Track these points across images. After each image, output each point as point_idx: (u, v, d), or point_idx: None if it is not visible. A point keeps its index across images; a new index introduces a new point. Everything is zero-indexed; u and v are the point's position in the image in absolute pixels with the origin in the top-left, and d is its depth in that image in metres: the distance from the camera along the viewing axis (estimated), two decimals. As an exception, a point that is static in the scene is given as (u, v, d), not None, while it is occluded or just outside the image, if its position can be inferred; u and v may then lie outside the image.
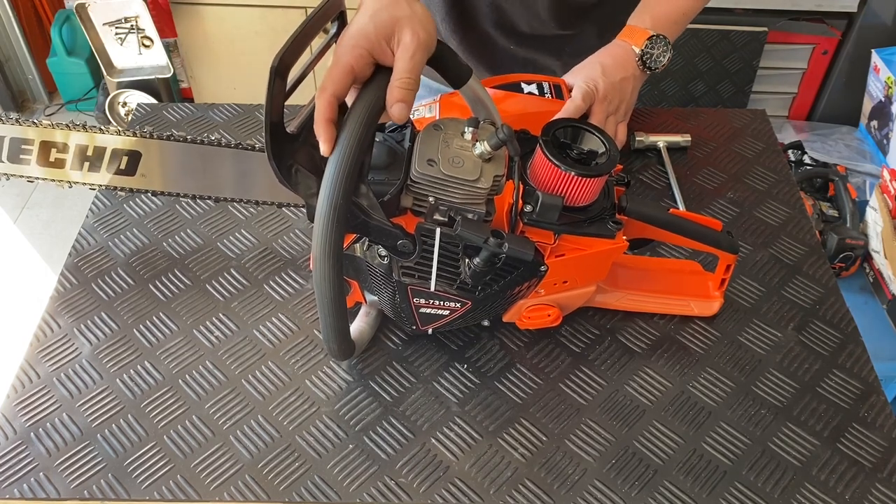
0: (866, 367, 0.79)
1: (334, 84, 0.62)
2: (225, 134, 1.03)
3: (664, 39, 0.91)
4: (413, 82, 0.63)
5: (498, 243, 0.66)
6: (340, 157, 0.59)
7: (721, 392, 0.77)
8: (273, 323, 0.82)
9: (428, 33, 0.63)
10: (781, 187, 0.98)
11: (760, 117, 1.08)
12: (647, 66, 0.91)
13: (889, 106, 1.99)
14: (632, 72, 0.91)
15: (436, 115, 0.87)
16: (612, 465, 0.71)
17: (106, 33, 2.18)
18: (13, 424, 0.74)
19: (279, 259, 0.88)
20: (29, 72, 2.56)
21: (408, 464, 0.71)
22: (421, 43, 0.62)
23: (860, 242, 1.75)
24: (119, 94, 2.31)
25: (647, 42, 0.90)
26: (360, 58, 0.62)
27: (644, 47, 0.90)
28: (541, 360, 0.79)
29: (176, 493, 0.69)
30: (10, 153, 0.84)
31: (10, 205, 2.32)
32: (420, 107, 0.89)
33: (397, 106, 0.62)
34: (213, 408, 0.75)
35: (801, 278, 0.88)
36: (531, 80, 0.91)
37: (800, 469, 0.71)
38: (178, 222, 0.93)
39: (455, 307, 0.72)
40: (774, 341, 0.81)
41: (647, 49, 0.90)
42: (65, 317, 0.83)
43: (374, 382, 0.77)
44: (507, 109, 0.86)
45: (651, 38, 0.90)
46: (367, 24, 0.63)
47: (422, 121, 0.84)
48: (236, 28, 2.21)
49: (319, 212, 0.60)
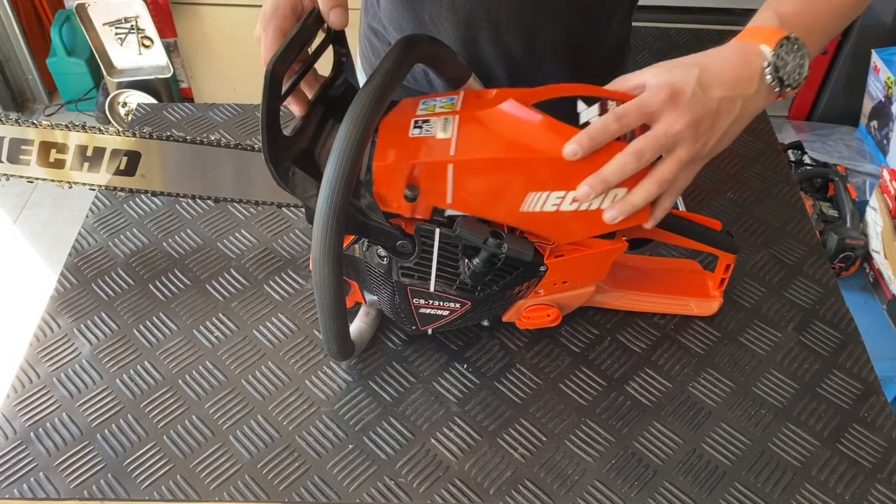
0: (866, 367, 0.79)
1: (269, 52, 0.65)
2: (225, 134, 1.03)
3: (801, 46, 0.63)
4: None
5: (497, 244, 0.66)
6: (339, 159, 0.59)
7: (721, 392, 0.77)
8: (273, 323, 0.82)
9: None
10: (781, 187, 0.98)
11: (760, 117, 1.08)
12: (782, 80, 0.63)
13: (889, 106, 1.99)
14: (744, 90, 0.62)
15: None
16: (611, 466, 0.71)
17: (106, 33, 2.18)
18: (13, 424, 0.74)
19: (279, 259, 0.88)
20: (29, 72, 2.56)
21: (407, 464, 0.71)
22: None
23: (860, 242, 1.75)
24: (119, 95, 2.31)
25: (782, 44, 0.62)
26: (285, 18, 0.66)
27: (777, 49, 0.62)
28: (540, 360, 0.79)
29: (176, 493, 0.69)
30: (9, 154, 0.84)
31: (10, 205, 2.32)
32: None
33: (334, 12, 0.64)
34: (212, 408, 0.75)
35: (802, 278, 0.88)
36: (587, 93, 0.65)
37: (800, 469, 0.71)
38: (178, 222, 0.93)
39: (455, 307, 0.72)
40: (774, 341, 0.81)
41: (780, 53, 0.62)
42: (65, 317, 0.83)
43: (374, 382, 0.77)
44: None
45: (788, 39, 0.63)
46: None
47: None
48: (236, 28, 2.21)
49: (319, 213, 0.60)
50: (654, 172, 0.64)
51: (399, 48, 0.65)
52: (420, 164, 0.63)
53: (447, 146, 0.63)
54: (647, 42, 1.31)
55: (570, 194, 0.64)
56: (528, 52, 0.88)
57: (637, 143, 0.62)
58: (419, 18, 0.86)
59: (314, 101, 0.70)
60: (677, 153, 0.63)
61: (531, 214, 0.66)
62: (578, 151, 0.61)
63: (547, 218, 0.66)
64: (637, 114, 0.62)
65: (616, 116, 0.61)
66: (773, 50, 0.62)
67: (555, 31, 0.86)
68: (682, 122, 0.61)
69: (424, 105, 0.68)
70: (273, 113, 0.62)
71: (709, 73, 0.62)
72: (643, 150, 0.62)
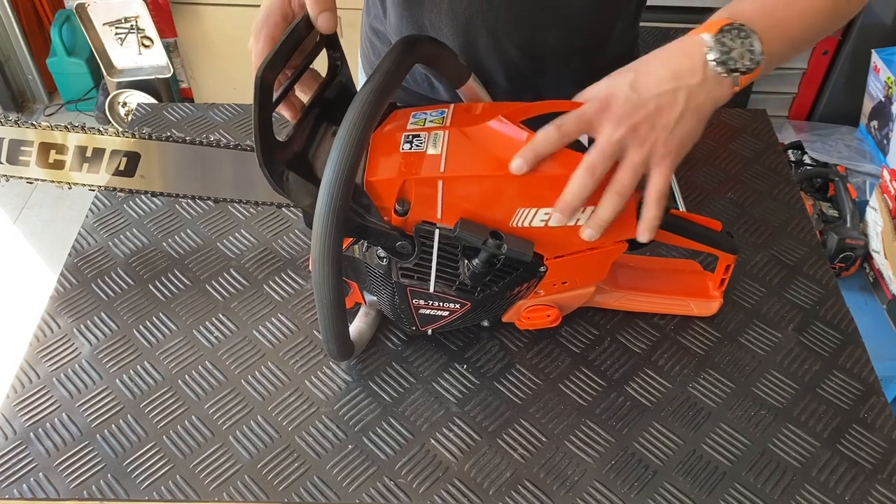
0: (866, 367, 0.79)
1: (259, 59, 0.66)
2: (224, 134, 1.03)
3: (750, 33, 0.62)
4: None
5: (497, 244, 0.66)
6: (338, 159, 0.59)
7: (721, 393, 0.77)
8: (273, 323, 0.82)
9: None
10: (781, 187, 0.98)
11: (761, 117, 1.08)
12: (728, 65, 0.61)
13: (889, 106, 1.99)
14: (686, 82, 0.61)
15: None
16: (611, 466, 0.71)
17: (106, 33, 2.18)
18: (13, 424, 0.74)
19: (279, 259, 0.88)
20: (29, 72, 2.56)
21: (407, 464, 0.71)
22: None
23: (860, 242, 1.75)
24: (119, 95, 2.31)
25: (724, 30, 0.61)
26: (276, 26, 0.67)
27: (718, 35, 0.61)
28: (540, 360, 0.79)
29: (175, 493, 0.69)
30: (9, 154, 0.84)
31: (10, 205, 2.32)
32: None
33: (322, 17, 0.65)
34: (212, 408, 0.75)
35: (802, 279, 0.88)
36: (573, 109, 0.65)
37: (800, 470, 0.71)
38: (177, 222, 0.93)
39: (454, 308, 0.72)
40: (774, 342, 0.81)
41: (723, 39, 0.61)
42: (64, 317, 0.83)
43: (374, 383, 0.77)
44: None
45: (731, 25, 0.62)
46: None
47: None
48: (236, 28, 2.20)
49: (318, 215, 0.60)
50: (611, 183, 0.64)
51: (399, 48, 0.65)
52: (411, 179, 0.64)
53: (437, 162, 0.65)
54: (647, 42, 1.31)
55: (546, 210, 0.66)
56: (528, 59, 0.88)
57: (586, 158, 0.63)
58: (419, 25, 0.87)
59: (309, 105, 0.70)
60: (628, 159, 0.63)
61: (521, 230, 0.67)
62: (524, 165, 0.63)
63: (536, 233, 0.67)
64: (576, 122, 0.63)
65: (556, 126, 0.62)
66: (713, 35, 0.61)
67: (554, 38, 0.86)
68: (620, 129, 0.62)
69: (415, 118, 0.69)
70: (265, 120, 0.62)
71: (642, 74, 0.63)
72: (593, 164, 0.62)
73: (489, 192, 0.65)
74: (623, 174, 0.63)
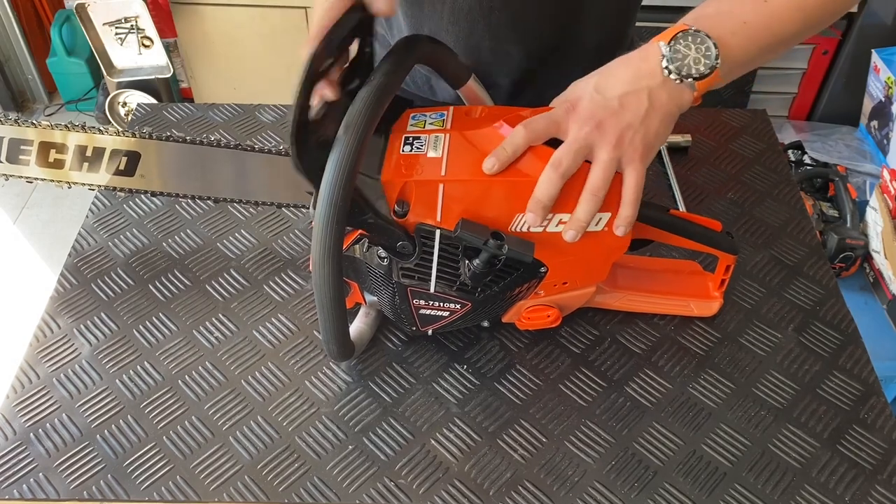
0: (866, 368, 0.79)
1: (320, 33, 0.59)
2: (224, 134, 1.03)
3: (705, 38, 0.63)
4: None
5: (497, 245, 0.66)
6: (341, 156, 0.59)
7: (721, 393, 0.77)
8: (273, 324, 0.82)
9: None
10: (781, 187, 0.98)
11: (761, 117, 1.08)
12: (681, 72, 0.63)
13: (889, 106, 1.99)
14: (647, 83, 0.64)
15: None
16: (611, 467, 0.71)
17: (106, 33, 2.18)
18: (13, 425, 0.74)
19: (279, 259, 0.88)
20: (29, 72, 2.56)
21: (407, 465, 0.71)
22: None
23: (860, 242, 1.75)
24: (119, 94, 2.31)
25: (677, 37, 0.63)
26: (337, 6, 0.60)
27: (672, 43, 0.63)
28: (540, 361, 0.79)
29: (175, 493, 0.69)
30: (9, 154, 0.84)
31: (10, 205, 2.32)
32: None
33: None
34: (212, 408, 0.75)
35: (802, 279, 0.88)
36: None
37: (800, 471, 0.71)
38: (177, 222, 0.93)
39: (455, 308, 0.72)
40: (774, 342, 0.81)
41: (676, 46, 0.63)
42: (64, 317, 0.83)
43: (374, 383, 0.77)
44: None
45: (686, 32, 0.64)
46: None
47: None
48: (236, 28, 2.20)
49: (319, 213, 0.60)
50: (586, 185, 0.65)
51: (399, 48, 0.65)
52: (411, 182, 0.65)
53: (438, 165, 0.65)
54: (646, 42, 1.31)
55: (557, 216, 0.66)
56: (530, 60, 0.88)
57: (554, 155, 0.64)
58: (420, 27, 0.87)
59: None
60: (598, 157, 0.64)
61: (520, 234, 0.67)
62: (496, 164, 0.64)
63: (535, 238, 0.67)
64: (544, 122, 0.65)
65: (524, 124, 0.64)
66: (666, 44, 0.64)
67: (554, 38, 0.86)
68: (586, 127, 0.63)
69: (414, 120, 0.69)
70: (304, 103, 0.59)
71: (605, 77, 0.65)
72: (560, 160, 0.63)
73: (489, 197, 0.66)
74: (594, 175, 0.64)
